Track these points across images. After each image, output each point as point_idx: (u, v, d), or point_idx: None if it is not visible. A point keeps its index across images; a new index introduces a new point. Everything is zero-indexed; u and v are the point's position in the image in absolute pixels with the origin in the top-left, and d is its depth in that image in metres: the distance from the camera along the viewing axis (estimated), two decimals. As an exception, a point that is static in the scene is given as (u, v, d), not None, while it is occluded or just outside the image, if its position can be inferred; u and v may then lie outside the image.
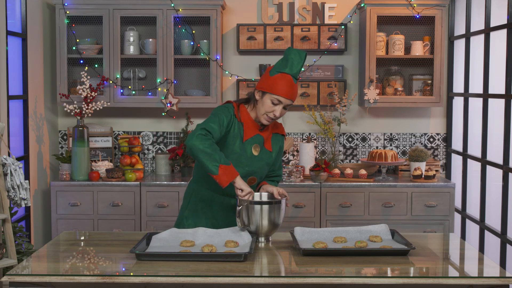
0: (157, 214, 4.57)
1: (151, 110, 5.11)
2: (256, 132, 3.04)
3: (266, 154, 3.06)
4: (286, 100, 2.91)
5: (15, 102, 4.42)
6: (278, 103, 2.92)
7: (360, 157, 5.16)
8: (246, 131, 3.01)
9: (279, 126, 3.17)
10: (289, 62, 2.93)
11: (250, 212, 2.76)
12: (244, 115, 3.03)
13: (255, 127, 3.04)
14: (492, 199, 4.37)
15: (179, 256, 2.50)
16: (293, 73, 2.92)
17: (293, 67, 2.92)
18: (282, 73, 2.91)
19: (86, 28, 4.94)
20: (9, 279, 2.32)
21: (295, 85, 2.94)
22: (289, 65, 2.92)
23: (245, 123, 3.02)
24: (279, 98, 2.90)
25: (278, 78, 2.90)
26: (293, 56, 2.93)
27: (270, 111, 2.93)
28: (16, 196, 3.40)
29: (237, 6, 5.09)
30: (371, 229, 2.85)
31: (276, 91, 2.90)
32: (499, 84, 4.20)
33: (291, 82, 2.91)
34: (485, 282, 2.33)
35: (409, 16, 4.77)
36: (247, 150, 3.01)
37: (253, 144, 3.03)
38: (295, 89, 2.94)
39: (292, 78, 2.92)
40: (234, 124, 3.01)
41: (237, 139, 3.01)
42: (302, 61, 2.95)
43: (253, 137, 3.03)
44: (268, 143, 3.07)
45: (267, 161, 3.07)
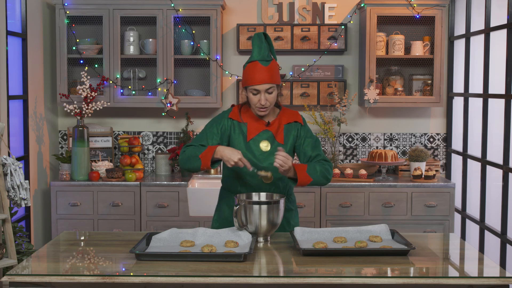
0: (157, 214, 4.57)
1: (151, 110, 5.11)
2: (262, 129, 3.05)
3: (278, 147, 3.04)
4: (261, 86, 2.95)
5: (15, 102, 4.42)
6: (257, 92, 2.97)
7: (360, 157, 5.16)
8: (249, 130, 3.04)
9: (292, 115, 3.13)
10: (253, 48, 3.01)
11: (248, 212, 2.76)
12: (247, 115, 3.08)
13: (260, 124, 3.06)
14: (492, 199, 4.37)
15: (179, 256, 2.50)
16: (260, 57, 2.97)
17: (256, 53, 2.99)
18: (250, 63, 2.99)
19: (86, 28, 4.94)
20: (9, 279, 2.32)
21: (267, 67, 2.96)
22: (254, 51, 3.00)
23: (248, 122, 3.05)
24: (254, 87, 2.95)
25: (248, 69, 2.98)
26: (254, 42, 3.01)
27: (256, 102, 2.98)
28: (16, 196, 3.40)
29: (237, 6, 5.09)
30: (371, 229, 2.85)
31: (249, 82, 2.97)
32: (499, 84, 4.20)
33: (259, 67, 2.95)
34: (485, 282, 2.33)
35: (409, 16, 4.77)
36: (253, 149, 3.02)
37: (261, 141, 3.04)
38: (266, 72, 2.95)
39: (260, 62, 2.96)
40: (233, 126, 3.04)
41: (240, 139, 3.03)
42: (263, 42, 3.00)
43: (259, 134, 3.04)
44: (279, 136, 3.06)
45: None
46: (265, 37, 3.02)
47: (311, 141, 3.10)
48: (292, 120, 3.12)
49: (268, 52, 3.00)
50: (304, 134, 3.11)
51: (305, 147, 3.08)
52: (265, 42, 3.01)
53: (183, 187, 4.54)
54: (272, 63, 2.99)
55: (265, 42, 3.00)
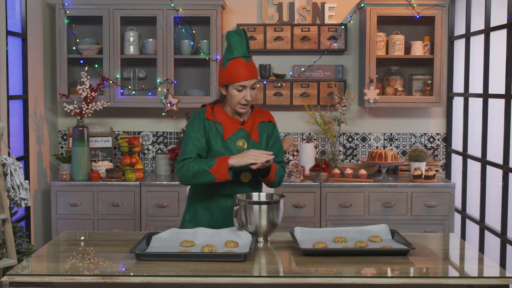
0: (157, 214, 4.57)
1: (151, 110, 5.11)
2: (237, 128, 3.06)
3: (254, 146, 3.06)
4: (249, 82, 2.96)
5: (15, 102, 4.42)
6: (243, 88, 2.97)
7: (360, 157, 5.16)
8: (225, 130, 3.04)
9: (264, 114, 3.16)
10: (233, 46, 2.99)
11: (248, 212, 2.76)
12: (221, 115, 3.07)
13: (234, 123, 3.06)
14: (492, 199, 4.37)
15: (179, 256, 2.50)
16: (242, 54, 2.97)
17: (238, 49, 2.98)
18: (232, 60, 2.97)
19: (86, 28, 4.94)
20: (9, 279, 2.32)
21: (250, 63, 2.97)
22: (234, 48, 2.98)
23: (223, 122, 3.06)
24: (241, 83, 2.95)
25: (231, 66, 2.96)
26: (234, 39, 3.00)
27: (240, 98, 2.98)
28: (16, 196, 3.40)
29: (237, 6, 5.09)
30: (371, 229, 2.85)
31: (235, 79, 2.95)
32: (499, 84, 4.20)
33: (244, 63, 2.96)
34: (485, 282, 2.33)
35: (409, 16, 4.77)
36: (231, 148, 3.03)
37: (238, 140, 3.04)
38: (250, 67, 2.97)
39: (243, 58, 2.96)
40: (210, 126, 3.05)
41: (218, 139, 3.04)
42: (243, 38, 3.00)
43: (235, 133, 3.05)
44: (254, 134, 3.08)
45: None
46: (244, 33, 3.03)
47: (278, 146, 3.16)
48: (266, 119, 3.14)
49: (248, 48, 3.02)
50: (275, 136, 3.16)
51: (273, 149, 3.13)
52: (245, 39, 3.01)
53: (183, 187, 4.54)
54: (251, 59, 3.02)
55: (245, 39, 3.01)
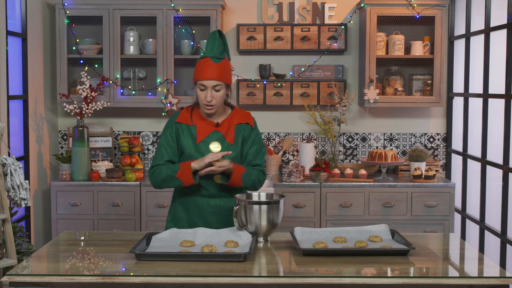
0: (157, 214, 4.57)
1: (151, 110, 5.11)
2: (211, 130, 3.05)
3: (228, 149, 3.04)
4: (209, 82, 2.95)
5: (15, 102, 4.42)
6: (204, 88, 2.97)
7: (360, 157, 5.16)
8: (199, 132, 3.04)
9: (243, 116, 3.12)
10: (207, 45, 3.02)
11: (248, 212, 2.76)
12: (196, 117, 3.08)
13: (209, 125, 3.06)
14: (492, 199, 4.37)
15: (179, 256, 2.50)
16: (212, 54, 2.98)
17: (208, 49, 3.00)
18: (201, 59, 3.00)
19: (86, 28, 4.94)
20: (9, 279, 2.32)
21: (217, 64, 2.97)
22: (207, 48, 3.01)
23: (198, 124, 3.06)
24: (201, 83, 2.96)
25: (198, 65, 3.00)
26: (209, 39, 3.03)
27: (202, 98, 2.98)
28: (16, 196, 3.40)
29: (237, 6, 5.09)
30: (371, 229, 2.85)
31: (196, 77, 2.98)
32: (499, 84, 4.20)
33: (209, 62, 2.96)
34: (485, 282, 2.33)
35: (409, 16, 4.77)
36: (203, 150, 3.02)
37: (211, 142, 3.04)
38: (216, 69, 2.96)
39: (212, 58, 2.97)
40: (181, 130, 3.05)
41: (190, 142, 3.04)
42: (216, 39, 3.00)
43: (208, 136, 3.04)
44: (229, 137, 3.06)
45: (230, 156, 3.02)
46: (220, 35, 3.03)
47: (256, 148, 3.11)
48: (244, 121, 3.11)
49: (221, 50, 3.01)
50: (253, 138, 3.11)
51: (249, 152, 3.09)
52: (219, 40, 3.01)
53: (183, 187, 4.54)
54: (224, 62, 3.00)
55: (219, 40, 3.01)
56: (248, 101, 4.98)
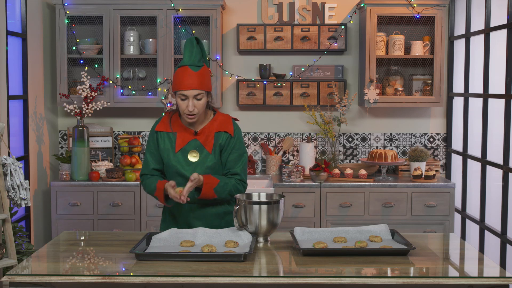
0: (157, 214, 4.57)
1: (151, 110, 5.11)
2: (190, 138, 3.00)
3: (206, 157, 2.99)
4: (189, 92, 2.89)
5: (15, 102, 4.42)
6: (185, 98, 2.91)
7: (360, 157, 5.16)
8: (178, 141, 3.00)
9: (223, 123, 3.03)
10: (185, 53, 2.96)
11: (248, 212, 2.76)
12: (177, 124, 3.04)
13: (188, 133, 3.01)
14: (492, 199, 4.37)
15: (179, 256, 2.50)
16: (190, 62, 2.92)
17: (186, 57, 2.93)
18: (180, 67, 2.94)
19: (86, 28, 4.94)
20: (9, 279, 2.32)
21: (197, 73, 2.90)
22: (184, 56, 2.95)
23: (178, 132, 3.02)
24: (182, 93, 2.90)
25: (177, 74, 2.94)
26: (186, 46, 2.96)
27: (184, 108, 2.92)
28: (16, 196, 3.40)
29: (237, 6, 5.09)
30: (371, 229, 2.85)
31: (177, 87, 2.92)
32: (499, 84, 4.20)
33: (188, 71, 2.90)
34: (485, 282, 2.33)
35: (409, 16, 4.77)
36: (181, 160, 2.99)
37: (190, 151, 2.99)
38: (196, 78, 2.89)
39: (190, 67, 2.91)
40: (161, 138, 3.03)
41: (169, 151, 3.01)
42: (194, 47, 2.94)
43: (187, 144, 3.00)
44: (209, 145, 3.00)
45: (207, 165, 2.99)
46: (197, 42, 2.96)
47: (236, 156, 3.02)
48: (223, 129, 3.02)
49: (199, 57, 2.94)
50: (232, 145, 3.02)
51: (228, 159, 3.02)
52: (197, 47, 2.95)
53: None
54: (203, 69, 2.93)
55: (196, 47, 2.94)
56: (248, 101, 4.99)
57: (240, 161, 3.03)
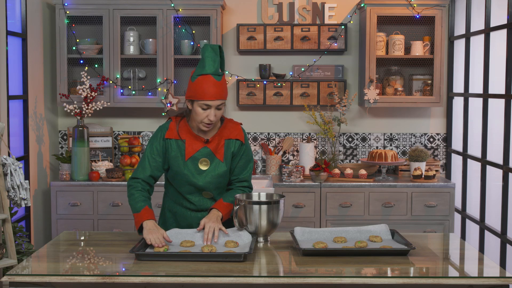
0: (157, 214, 4.56)
1: (151, 110, 5.11)
2: (200, 146, 2.93)
3: (217, 166, 2.94)
4: (214, 102, 2.80)
5: (15, 102, 4.42)
6: (208, 108, 2.82)
7: (360, 157, 5.16)
8: (187, 148, 2.92)
9: (233, 131, 2.99)
10: (206, 61, 2.84)
11: (248, 212, 2.76)
12: (185, 131, 2.95)
13: (199, 140, 2.93)
14: (492, 199, 4.37)
15: (179, 256, 2.50)
16: (213, 71, 2.82)
17: (210, 66, 2.83)
18: (202, 76, 2.82)
19: (86, 28, 4.94)
20: (9, 279, 2.32)
21: (220, 82, 2.83)
22: (206, 64, 2.83)
23: (187, 139, 2.93)
24: (206, 103, 2.80)
25: (200, 82, 2.81)
26: (208, 54, 2.85)
27: (203, 117, 2.83)
28: (16, 196, 3.40)
29: (237, 6, 5.09)
30: (371, 229, 2.85)
31: (201, 97, 2.80)
32: (499, 84, 4.20)
33: (213, 81, 2.80)
34: (485, 282, 2.33)
35: (409, 16, 4.77)
36: (191, 168, 2.92)
37: (200, 159, 2.93)
38: (220, 87, 2.82)
39: (214, 76, 2.82)
40: (170, 146, 2.94)
41: (178, 159, 2.93)
42: (217, 55, 2.85)
43: (198, 152, 2.92)
44: (219, 153, 2.94)
45: (218, 173, 2.94)
46: (220, 50, 2.89)
47: (244, 162, 3.01)
48: (234, 137, 2.97)
49: (221, 66, 2.88)
50: (242, 152, 2.99)
51: (237, 165, 3.00)
52: (220, 56, 2.87)
53: (183, 187, 4.54)
54: (223, 78, 2.88)
55: (219, 56, 2.87)
56: (248, 101, 4.99)
57: (247, 167, 3.02)
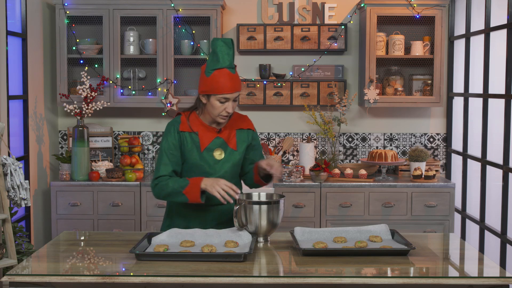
0: (157, 214, 4.57)
1: (151, 110, 5.11)
2: (214, 136, 2.99)
3: (232, 154, 3.00)
4: (232, 95, 2.88)
5: (15, 102, 4.42)
6: (226, 101, 2.88)
7: (360, 157, 5.16)
8: (202, 140, 2.97)
9: (243, 121, 3.09)
10: (219, 55, 2.88)
11: (248, 212, 2.76)
12: (197, 123, 2.99)
13: (211, 131, 2.99)
14: (492, 199, 4.37)
15: (179, 256, 2.50)
16: (227, 65, 2.87)
17: (224, 59, 2.88)
18: (217, 70, 2.87)
19: (86, 28, 4.94)
20: (9, 279, 2.32)
21: (234, 75, 2.89)
22: (220, 58, 2.88)
23: (199, 131, 2.98)
24: (225, 96, 2.87)
25: (216, 76, 2.86)
26: (221, 48, 2.89)
27: (221, 110, 2.90)
28: (16, 196, 3.40)
29: (237, 6, 5.09)
30: (371, 229, 2.85)
31: (219, 91, 2.86)
32: (499, 84, 4.21)
33: (229, 74, 2.87)
34: (485, 282, 2.33)
35: (409, 16, 4.77)
36: (208, 158, 2.97)
37: (215, 149, 2.98)
38: (235, 80, 2.89)
39: (229, 69, 2.87)
40: (184, 139, 2.98)
41: (194, 151, 2.97)
42: (231, 49, 2.90)
43: (212, 142, 2.98)
44: (232, 142, 3.02)
45: (233, 162, 3.00)
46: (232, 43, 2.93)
47: (259, 154, 3.13)
48: (245, 126, 3.08)
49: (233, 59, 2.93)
50: (256, 142, 3.11)
51: (255, 155, 3.10)
52: (231, 50, 2.91)
53: (183, 187, 4.54)
54: (236, 70, 2.94)
55: (232, 49, 2.92)
56: (248, 101, 4.99)
57: (262, 154, 3.16)
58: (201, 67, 2.98)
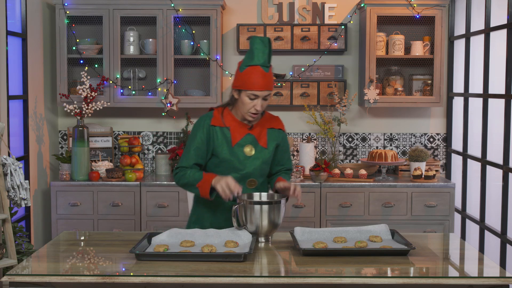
0: (157, 214, 4.57)
1: (151, 110, 5.11)
2: (245, 132, 3.02)
3: (262, 152, 3.04)
4: (262, 93, 2.90)
5: (15, 102, 4.42)
6: (255, 98, 2.91)
7: (360, 157, 5.16)
8: (233, 135, 3.00)
9: (274, 121, 3.13)
10: (255, 52, 2.92)
11: (249, 212, 2.76)
12: (229, 119, 3.03)
13: (243, 127, 3.02)
14: (492, 199, 4.37)
15: (179, 256, 2.50)
16: (261, 63, 2.91)
17: (259, 57, 2.91)
18: (251, 66, 2.91)
19: (86, 28, 4.94)
20: (9, 279, 2.32)
21: (268, 73, 2.92)
22: (255, 55, 2.92)
23: (231, 126, 3.01)
24: (254, 93, 2.90)
25: (249, 72, 2.91)
26: (257, 46, 2.92)
27: (250, 107, 2.93)
28: (16, 196, 3.40)
29: (237, 6, 5.09)
30: (371, 229, 2.85)
31: (249, 87, 2.90)
32: (499, 84, 4.21)
33: (262, 72, 2.90)
34: (485, 282, 2.33)
35: (409, 16, 4.77)
36: (238, 154, 3.00)
37: (245, 145, 3.01)
38: (268, 78, 2.92)
39: (262, 67, 2.90)
40: (215, 133, 3.00)
41: (224, 146, 2.99)
42: (267, 48, 2.93)
43: (243, 138, 3.01)
44: (262, 140, 3.05)
45: (263, 159, 3.04)
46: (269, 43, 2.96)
47: (287, 155, 3.19)
48: (276, 126, 3.12)
49: (270, 58, 2.96)
50: (285, 143, 3.16)
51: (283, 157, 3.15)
52: (269, 48, 2.95)
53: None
54: (271, 70, 2.97)
55: (268, 48, 2.94)
56: (248, 101, 4.98)
57: (290, 157, 3.22)
58: (238, 62, 3.01)
